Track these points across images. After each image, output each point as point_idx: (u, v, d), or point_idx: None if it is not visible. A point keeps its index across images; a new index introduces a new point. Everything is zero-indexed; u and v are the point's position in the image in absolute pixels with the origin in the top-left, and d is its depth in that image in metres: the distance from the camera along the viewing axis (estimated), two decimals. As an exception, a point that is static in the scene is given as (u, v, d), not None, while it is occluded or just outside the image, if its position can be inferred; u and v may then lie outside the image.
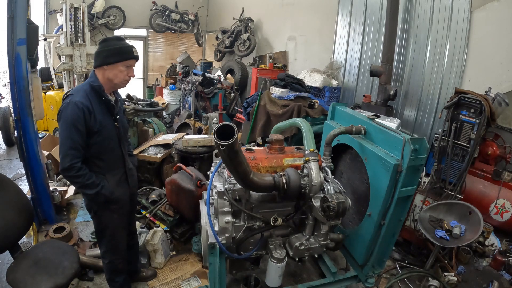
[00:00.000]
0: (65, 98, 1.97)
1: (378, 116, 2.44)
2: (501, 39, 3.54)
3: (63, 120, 1.90)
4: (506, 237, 3.29)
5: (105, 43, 1.99)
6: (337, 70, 5.41)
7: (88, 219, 3.51)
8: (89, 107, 1.92)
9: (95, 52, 2.02)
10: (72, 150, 1.89)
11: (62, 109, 1.92)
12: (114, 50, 1.96)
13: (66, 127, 1.88)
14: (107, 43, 1.98)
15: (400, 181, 1.93)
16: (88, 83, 2.01)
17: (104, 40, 2.01)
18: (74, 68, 5.39)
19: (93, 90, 1.98)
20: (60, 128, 1.92)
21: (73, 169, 1.90)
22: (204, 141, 3.69)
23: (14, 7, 2.68)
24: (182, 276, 2.78)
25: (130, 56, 2.00)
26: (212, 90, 6.41)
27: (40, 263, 2.00)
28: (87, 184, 1.96)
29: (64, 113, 1.90)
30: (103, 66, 1.97)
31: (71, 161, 1.88)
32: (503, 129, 3.60)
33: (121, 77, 2.02)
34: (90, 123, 1.93)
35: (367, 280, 2.31)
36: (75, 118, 1.87)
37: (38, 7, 7.11)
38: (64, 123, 1.89)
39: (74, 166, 1.90)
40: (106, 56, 1.95)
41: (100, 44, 1.99)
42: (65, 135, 1.89)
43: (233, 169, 1.72)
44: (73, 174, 1.91)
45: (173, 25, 8.54)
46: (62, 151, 1.89)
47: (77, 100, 1.89)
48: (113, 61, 1.96)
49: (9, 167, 4.71)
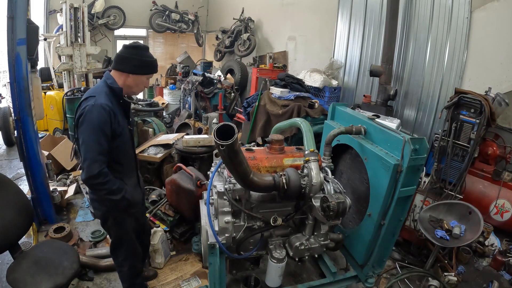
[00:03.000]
0: (85, 100, 1.87)
1: (378, 116, 2.44)
2: (501, 39, 3.55)
3: (88, 123, 1.79)
4: (506, 237, 3.29)
5: (135, 51, 1.93)
6: (337, 70, 5.41)
7: (88, 219, 3.51)
8: (114, 110, 1.88)
9: (120, 55, 1.94)
10: (101, 156, 1.81)
11: (86, 112, 1.80)
12: (145, 62, 1.95)
13: (93, 131, 1.79)
14: (138, 51, 1.93)
15: (400, 181, 1.93)
16: (106, 85, 1.94)
17: (134, 47, 1.94)
18: (74, 68, 5.40)
19: (112, 92, 1.93)
20: (84, 133, 1.80)
21: (102, 175, 1.81)
22: (204, 141, 3.69)
23: (14, 7, 2.68)
24: (182, 276, 2.78)
25: (155, 71, 2.05)
26: (212, 90, 6.41)
27: (40, 263, 2.00)
28: (113, 190, 1.88)
29: (89, 116, 1.79)
30: (129, 74, 1.94)
31: (100, 167, 1.79)
32: (503, 129, 3.60)
33: (141, 87, 2.05)
34: (115, 126, 1.88)
35: (367, 280, 2.31)
36: (102, 121, 1.80)
37: (38, 7, 7.11)
38: (90, 127, 1.79)
39: (103, 172, 1.81)
40: (136, 66, 1.93)
41: (129, 50, 1.93)
42: (92, 140, 1.79)
43: (233, 169, 1.72)
44: (101, 181, 1.81)
45: (173, 25, 8.54)
46: (90, 157, 1.77)
47: (103, 103, 1.82)
48: (141, 73, 1.97)
49: (9, 167, 4.71)
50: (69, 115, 4.92)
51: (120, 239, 2.20)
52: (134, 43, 1.97)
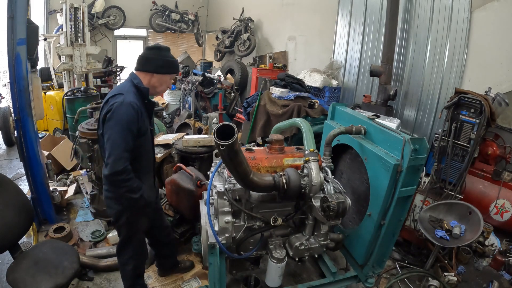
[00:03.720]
0: (112, 97, 1.90)
1: (378, 116, 2.44)
2: (501, 39, 3.55)
3: (117, 120, 1.82)
4: (506, 237, 3.29)
5: (158, 51, 2.00)
6: (337, 70, 5.41)
7: (88, 219, 3.51)
8: (141, 109, 1.92)
9: (144, 56, 2.01)
10: (126, 153, 1.83)
11: (115, 108, 1.83)
12: (168, 62, 2.03)
13: (121, 128, 1.82)
14: (161, 52, 2.01)
15: (400, 181, 1.93)
16: (133, 84, 1.98)
17: (157, 48, 2.02)
18: (74, 68, 5.40)
19: (138, 91, 1.97)
20: (112, 129, 1.83)
21: (125, 172, 1.83)
22: (204, 141, 3.68)
23: (14, 7, 2.68)
24: (183, 277, 2.78)
25: (177, 71, 2.14)
26: (212, 90, 6.41)
27: (40, 263, 2.00)
28: (133, 188, 1.90)
29: (117, 113, 1.82)
30: (153, 74, 2.00)
31: (125, 163, 1.81)
32: (503, 129, 3.60)
33: (165, 87, 2.11)
34: (140, 124, 1.92)
35: (367, 280, 2.31)
36: (130, 119, 1.84)
37: (38, 7, 7.11)
38: (118, 123, 1.82)
39: (127, 168, 1.83)
40: (160, 65, 2.00)
41: (151, 51, 2.00)
42: (120, 136, 1.82)
43: (233, 169, 1.72)
44: (124, 178, 1.83)
45: (173, 25, 8.54)
46: (116, 153, 1.79)
47: (132, 101, 1.86)
48: (165, 72, 2.03)
49: (9, 167, 4.71)
50: (69, 115, 4.92)
51: (129, 238, 2.20)
52: (156, 45, 2.07)
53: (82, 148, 3.23)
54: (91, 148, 3.22)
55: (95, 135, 3.19)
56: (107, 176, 1.84)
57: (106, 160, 1.84)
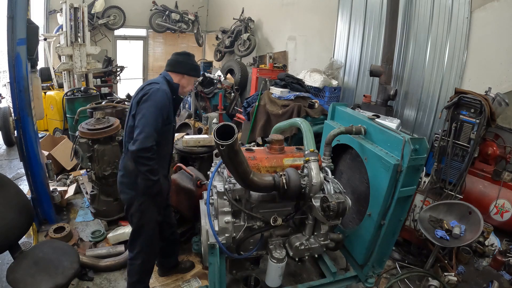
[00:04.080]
0: (148, 85, 2.08)
1: (378, 116, 2.44)
2: (501, 39, 3.54)
3: (153, 102, 1.98)
4: (506, 237, 3.28)
5: (189, 57, 2.27)
6: (337, 70, 5.41)
7: (88, 219, 3.51)
8: (171, 99, 2.11)
9: (175, 60, 2.24)
10: (155, 133, 1.96)
11: (152, 92, 2.00)
12: (195, 66, 2.31)
13: (155, 110, 1.98)
14: (191, 58, 2.28)
15: (400, 181, 1.93)
16: (166, 80, 2.17)
17: (187, 53, 2.29)
18: (74, 68, 5.39)
19: (169, 86, 2.17)
20: (147, 109, 1.97)
21: (152, 150, 1.94)
22: (204, 141, 3.69)
23: (14, 7, 2.68)
24: (183, 277, 2.78)
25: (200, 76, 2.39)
26: (212, 90, 6.41)
27: (40, 263, 1.99)
28: (154, 170, 1.99)
29: (154, 96, 1.99)
30: (184, 75, 2.23)
31: (153, 142, 1.94)
32: (503, 129, 3.60)
33: (190, 88, 2.34)
34: (168, 113, 2.09)
35: (367, 280, 2.31)
36: (163, 104, 2.02)
37: (38, 7, 7.10)
38: (153, 105, 1.98)
39: (153, 147, 1.95)
40: (190, 69, 2.26)
41: (182, 55, 2.26)
42: (153, 117, 1.96)
43: (233, 169, 1.72)
44: (149, 156, 1.94)
45: (173, 25, 8.54)
46: (147, 131, 1.92)
47: (166, 89, 2.08)
48: (193, 75, 2.29)
49: (9, 167, 4.71)
50: (69, 115, 4.92)
51: (140, 228, 2.22)
52: (185, 51, 2.31)
53: (82, 148, 3.23)
54: (91, 148, 3.23)
55: (95, 135, 3.20)
56: (134, 152, 1.93)
57: (136, 136, 1.94)
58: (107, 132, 3.24)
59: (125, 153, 2.20)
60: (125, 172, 2.19)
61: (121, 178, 2.21)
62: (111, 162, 3.30)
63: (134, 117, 2.04)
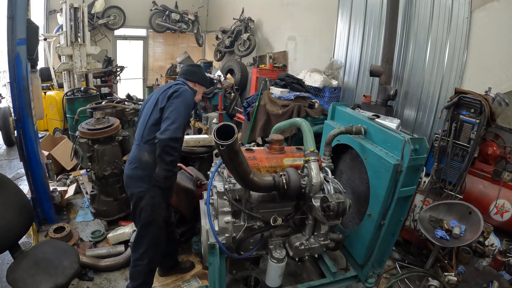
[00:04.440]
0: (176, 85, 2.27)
1: (378, 116, 2.44)
2: (501, 39, 3.54)
3: (184, 98, 2.16)
4: (506, 237, 3.28)
5: (199, 68, 2.56)
6: (337, 70, 5.41)
7: (88, 219, 3.51)
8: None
9: (189, 69, 2.48)
10: (184, 127, 2.11)
11: (182, 91, 2.18)
12: (206, 77, 2.55)
13: (186, 106, 2.15)
14: (201, 69, 2.56)
15: (400, 181, 1.93)
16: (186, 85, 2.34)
17: (198, 65, 2.64)
18: (74, 68, 5.39)
19: None
20: (179, 104, 2.12)
21: (179, 141, 2.09)
22: (204, 141, 3.68)
23: (14, 7, 2.68)
24: (183, 277, 2.78)
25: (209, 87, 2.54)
26: (212, 90, 6.41)
27: (40, 263, 1.99)
28: (175, 161, 2.12)
29: (184, 94, 2.18)
30: (196, 84, 2.43)
31: (182, 134, 2.11)
32: (503, 129, 3.60)
33: (200, 96, 2.50)
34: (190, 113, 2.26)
35: (367, 280, 2.31)
36: (191, 103, 2.23)
37: (38, 7, 7.10)
38: (185, 101, 2.15)
39: (180, 139, 2.10)
40: (202, 78, 2.48)
41: (195, 67, 2.55)
42: (184, 112, 2.13)
43: (233, 169, 1.72)
44: (176, 146, 2.06)
45: (173, 25, 8.54)
46: (178, 122, 2.05)
47: (192, 91, 2.31)
48: (204, 84, 2.50)
49: (9, 167, 4.71)
50: (69, 115, 4.92)
51: (149, 224, 2.22)
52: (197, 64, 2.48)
53: (82, 148, 3.22)
54: (91, 148, 3.22)
55: (95, 135, 3.20)
56: (165, 140, 2.01)
57: (167, 126, 2.03)
58: (107, 132, 3.24)
59: (140, 146, 2.21)
60: (139, 165, 2.18)
61: (134, 170, 2.20)
62: (111, 162, 3.30)
63: (162, 110, 2.15)
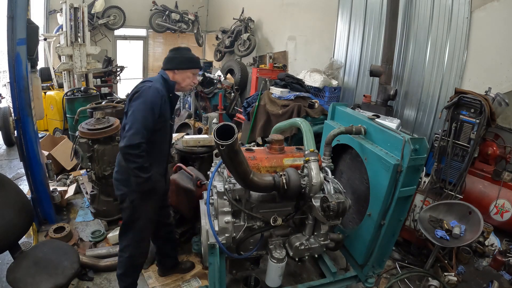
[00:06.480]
0: (141, 83, 2.11)
1: (378, 116, 2.44)
2: (501, 39, 3.54)
3: (143, 99, 2.00)
4: (506, 237, 3.28)
5: (178, 51, 2.23)
6: (337, 70, 5.41)
7: (88, 219, 3.51)
8: (164, 97, 2.09)
9: (166, 57, 2.23)
10: (144, 130, 1.97)
11: (142, 90, 2.02)
12: (186, 58, 2.21)
13: (145, 107, 1.98)
14: (180, 51, 2.23)
15: (400, 181, 1.93)
16: (162, 78, 2.18)
17: (177, 48, 2.26)
18: (74, 68, 5.39)
19: (165, 83, 2.17)
20: (136, 106, 1.99)
21: (140, 148, 1.95)
22: (204, 141, 3.68)
23: (14, 7, 2.68)
24: (183, 277, 2.78)
25: (197, 66, 2.27)
26: (212, 90, 6.41)
27: (40, 263, 1.99)
28: (144, 167, 2.00)
29: (145, 93, 2.01)
30: (174, 70, 2.18)
31: (141, 139, 1.95)
32: (503, 129, 3.60)
33: (188, 81, 2.24)
34: (162, 111, 2.07)
35: (367, 280, 2.31)
36: (154, 101, 2.01)
37: (38, 7, 7.10)
38: (143, 102, 1.99)
39: (141, 145, 1.95)
40: (180, 62, 2.19)
41: (173, 51, 2.23)
42: (142, 114, 1.97)
43: (233, 169, 1.72)
44: (137, 153, 1.95)
45: (173, 25, 8.54)
46: (135, 128, 1.94)
47: (158, 87, 2.06)
48: (185, 67, 2.20)
49: (9, 167, 4.71)
50: (69, 115, 4.92)
51: (130, 224, 2.23)
52: (176, 47, 2.28)
53: (82, 148, 3.22)
54: (91, 148, 3.22)
55: (95, 135, 3.20)
56: (122, 148, 1.97)
57: (125, 133, 1.97)
58: (107, 132, 3.24)
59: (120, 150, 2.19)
60: (119, 169, 2.21)
61: (116, 174, 2.24)
62: (111, 162, 3.29)
63: (126, 114, 2.08)
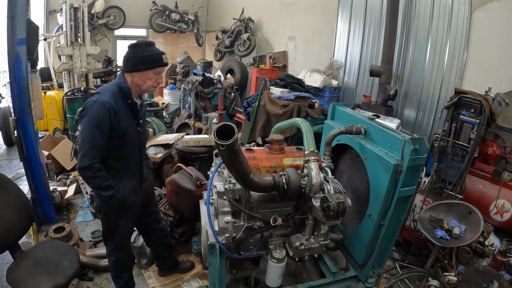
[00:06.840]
0: (91, 96, 1.93)
1: (378, 116, 2.44)
2: (501, 39, 3.54)
3: (87, 118, 1.86)
4: (506, 237, 3.28)
5: (134, 49, 1.94)
6: (337, 70, 5.41)
7: (88, 219, 3.51)
8: (115, 108, 1.89)
9: (124, 56, 1.98)
10: (93, 150, 1.86)
11: (88, 106, 1.87)
12: (144, 57, 1.93)
13: (90, 126, 1.85)
14: (137, 49, 1.94)
15: (400, 181, 1.93)
16: (116, 84, 1.97)
17: (134, 45, 1.96)
18: (74, 68, 5.39)
19: (120, 91, 1.95)
20: (83, 125, 1.88)
21: (92, 169, 1.85)
22: (204, 141, 3.68)
23: (14, 7, 2.68)
24: (183, 277, 2.78)
25: (159, 64, 1.97)
26: (212, 90, 6.41)
27: (40, 263, 2.00)
28: (103, 186, 1.93)
29: (90, 110, 1.86)
30: (132, 73, 1.96)
31: (91, 160, 1.84)
32: (503, 129, 3.60)
33: (150, 83, 2.00)
34: (114, 124, 1.90)
35: (367, 280, 2.31)
36: (100, 117, 1.84)
37: (38, 7, 7.11)
38: (88, 121, 1.85)
39: (93, 166, 1.85)
40: (136, 63, 1.93)
41: (130, 49, 1.96)
42: (88, 134, 1.85)
43: (233, 169, 1.72)
44: (90, 175, 1.87)
45: (173, 25, 8.54)
46: (83, 149, 1.85)
47: (104, 100, 1.86)
48: (143, 69, 1.94)
49: (9, 167, 4.71)
50: (69, 115, 4.92)
51: (109, 232, 2.24)
52: (134, 43, 1.97)
53: (82, 148, 3.22)
54: (91, 148, 3.22)
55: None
56: (78, 171, 1.92)
57: (78, 156, 1.90)
58: (107, 132, 3.24)
59: None
60: None
61: None
62: (111, 162, 3.29)
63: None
